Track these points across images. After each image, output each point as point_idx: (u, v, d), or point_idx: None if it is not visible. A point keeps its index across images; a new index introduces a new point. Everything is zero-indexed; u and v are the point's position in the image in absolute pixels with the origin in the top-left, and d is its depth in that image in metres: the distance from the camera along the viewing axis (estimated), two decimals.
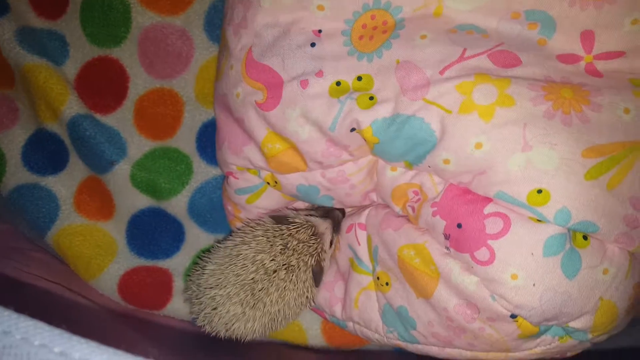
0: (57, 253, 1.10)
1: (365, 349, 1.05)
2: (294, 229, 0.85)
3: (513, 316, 0.71)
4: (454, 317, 0.76)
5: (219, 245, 0.90)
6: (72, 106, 1.06)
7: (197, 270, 0.89)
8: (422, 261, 0.78)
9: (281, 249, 0.83)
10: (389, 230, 0.83)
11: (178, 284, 1.09)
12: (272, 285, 0.82)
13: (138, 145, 1.09)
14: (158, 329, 1.02)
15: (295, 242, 0.84)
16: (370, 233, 0.88)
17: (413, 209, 0.80)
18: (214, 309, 0.84)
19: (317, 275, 0.88)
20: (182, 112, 1.10)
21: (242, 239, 0.86)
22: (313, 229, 0.87)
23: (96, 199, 1.10)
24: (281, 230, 0.85)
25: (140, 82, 1.09)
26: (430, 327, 0.80)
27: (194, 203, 1.09)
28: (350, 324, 0.95)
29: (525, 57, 0.72)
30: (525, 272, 0.67)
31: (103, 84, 1.09)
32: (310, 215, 0.91)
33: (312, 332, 1.06)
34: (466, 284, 0.73)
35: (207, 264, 0.87)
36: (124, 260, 1.09)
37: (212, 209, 1.09)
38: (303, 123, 0.78)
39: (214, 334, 0.87)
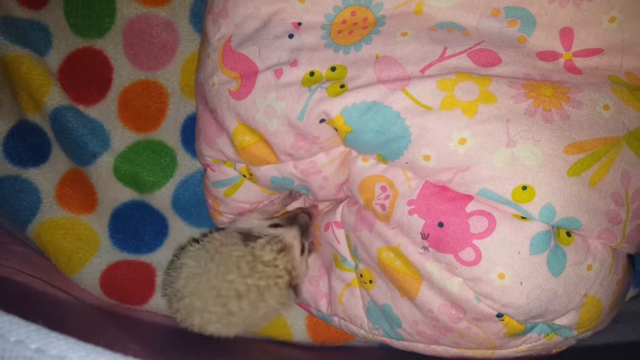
0: (38, 247, 1.09)
1: (350, 344, 1.05)
2: (258, 250, 0.82)
3: (499, 315, 0.70)
4: (439, 318, 0.75)
5: (191, 249, 0.87)
6: (55, 97, 1.05)
7: (173, 274, 0.87)
8: (402, 263, 0.77)
9: (249, 271, 0.81)
10: (365, 231, 0.82)
11: (161, 278, 1.08)
12: (243, 302, 0.81)
13: (122, 137, 1.08)
14: (140, 324, 1.01)
15: (261, 266, 0.81)
16: (347, 232, 0.87)
17: (383, 207, 0.78)
18: (190, 312, 0.82)
19: (296, 289, 0.87)
20: (166, 104, 1.09)
21: (211, 257, 0.83)
22: (280, 244, 0.84)
23: (78, 192, 1.09)
24: (246, 252, 0.82)
25: (124, 74, 1.08)
26: (416, 325, 0.80)
27: (178, 196, 1.08)
28: (336, 319, 0.94)
29: (505, 56, 0.72)
30: (512, 271, 0.67)
31: (87, 75, 1.08)
32: (275, 225, 0.88)
33: (297, 328, 1.06)
34: (449, 286, 0.72)
35: (181, 270, 0.85)
36: (106, 255, 1.08)
37: (197, 203, 1.08)
38: (271, 115, 0.78)
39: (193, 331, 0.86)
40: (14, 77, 1.05)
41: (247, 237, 0.84)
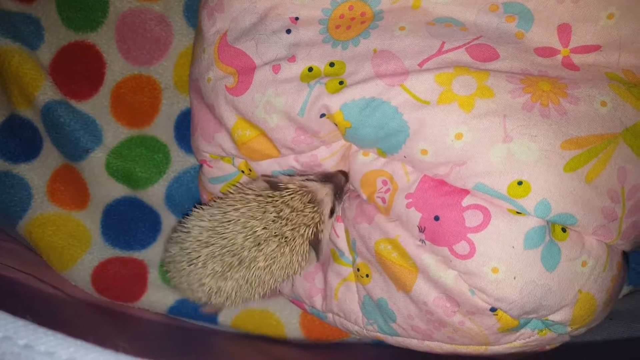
0: (29, 243, 1.07)
1: (344, 342, 1.05)
2: (287, 195, 0.78)
3: (493, 309, 0.70)
4: (433, 311, 0.76)
5: (201, 209, 0.83)
6: (47, 92, 1.04)
7: (181, 233, 0.83)
8: (399, 255, 0.77)
9: (274, 217, 0.76)
10: (364, 224, 0.82)
11: (153, 275, 1.07)
12: (261, 254, 0.76)
13: (114, 132, 1.07)
14: (131, 321, 1.00)
15: (288, 211, 0.77)
16: (347, 226, 0.87)
17: (383, 200, 0.79)
18: (190, 264, 0.79)
19: (316, 248, 0.82)
20: (160, 99, 1.08)
21: (233, 205, 0.79)
22: (310, 195, 0.79)
23: (70, 188, 1.08)
24: (274, 196, 0.78)
25: (117, 69, 1.08)
26: (410, 320, 0.80)
27: (171, 193, 1.08)
28: (330, 316, 0.94)
29: (503, 51, 0.72)
30: (506, 266, 0.67)
31: (79, 70, 1.07)
32: (308, 180, 0.82)
33: (290, 326, 1.06)
34: (444, 278, 0.72)
35: (189, 230, 0.81)
36: (98, 251, 1.07)
37: (190, 199, 1.07)
38: (270, 111, 0.77)
39: (187, 296, 0.84)
40: (5, 71, 1.04)
41: (275, 185, 0.80)
